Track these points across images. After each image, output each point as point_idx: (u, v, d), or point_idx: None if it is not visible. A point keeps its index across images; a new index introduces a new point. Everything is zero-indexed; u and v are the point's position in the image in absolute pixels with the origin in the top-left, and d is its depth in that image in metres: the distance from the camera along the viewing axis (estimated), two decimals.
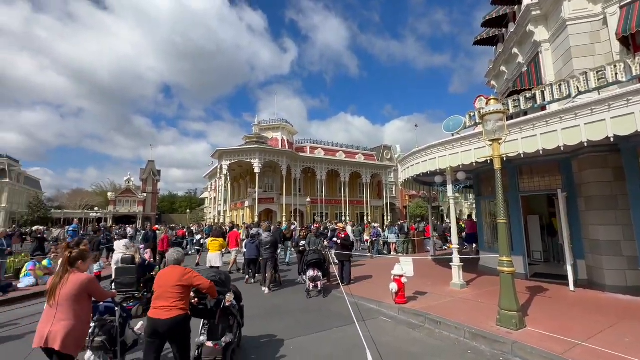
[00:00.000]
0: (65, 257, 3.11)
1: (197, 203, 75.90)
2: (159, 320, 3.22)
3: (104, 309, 3.98)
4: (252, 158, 28.75)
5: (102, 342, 3.64)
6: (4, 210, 43.47)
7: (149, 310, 3.33)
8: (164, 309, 3.25)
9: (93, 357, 3.63)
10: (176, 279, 3.39)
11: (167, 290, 3.33)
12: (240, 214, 35.18)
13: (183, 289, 3.40)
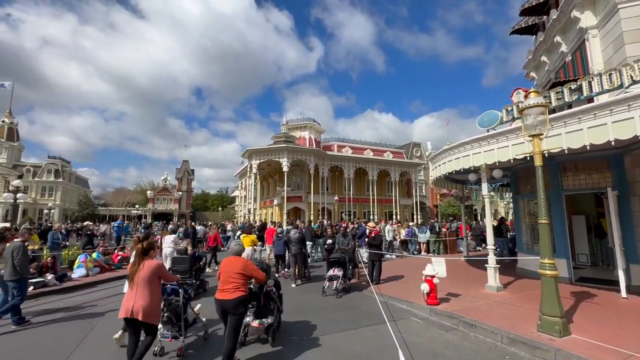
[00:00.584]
0: (139, 248, 3.88)
1: (228, 201, 78.59)
2: (226, 301, 3.96)
3: (170, 290, 4.69)
4: (281, 157, 29.24)
5: (169, 317, 4.49)
6: (58, 207, 47.64)
7: (216, 293, 4.07)
8: (228, 291, 3.99)
9: (162, 329, 4.49)
10: (239, 267, 4.12)
11: (231, 276, 4.06)
12: (270, 212, 35.94)
13: (244, 277, 4.12)
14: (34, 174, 47.94)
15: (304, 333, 5.37)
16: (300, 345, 4.86)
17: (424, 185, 48.54)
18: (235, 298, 3.94)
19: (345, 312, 6.65)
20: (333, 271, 7.96)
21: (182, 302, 4.62)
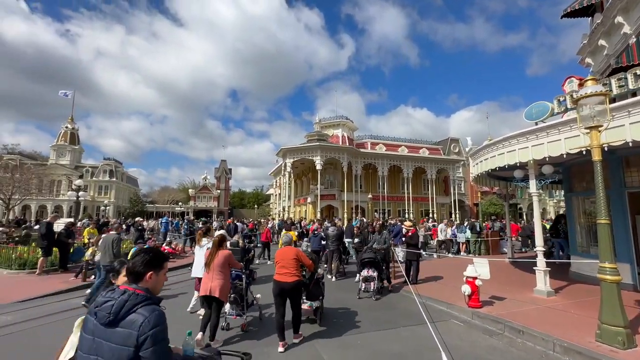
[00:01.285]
0: (215, 241, 4.96)
1: (264, 199, 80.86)
2: (284, 283, 4.69)
3: (235, 276, 5.56)
4: (314, 155, 29.50)
5: (235, 298, 5.47)
6: (112, 204, 52.16)
7: (275, 276, 4.81)
8: (287, 275, 4.72)
9: (229, 308, 5.42)
10: (293, 254, 4.86)
11: (288, 262, 4.78)
12: (303, 209, 36.44)
13: (297, 263, 4.82)
14: (92, 174, 52.86)
15: (339, 329, 5.40)
16: (337, 342, 4.90)
17: (463, 183, 46.36)
18: (293, 282, 4.70)
19: (381, 311, 6.57)
20: (367, 272, 7.55)
21: (244, 285, 5.57)
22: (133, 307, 1.62)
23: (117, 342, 1.54)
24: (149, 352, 1.53)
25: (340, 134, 34.20)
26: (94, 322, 1.63)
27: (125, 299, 1.63)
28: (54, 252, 10.34)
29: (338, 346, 4.73)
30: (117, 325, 1.58)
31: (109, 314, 1.58)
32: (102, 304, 1.64)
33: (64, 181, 48.24)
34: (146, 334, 1.55)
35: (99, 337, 1.59)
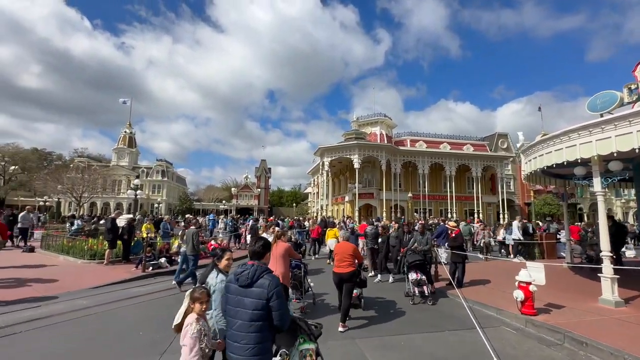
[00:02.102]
0: (276, 234, 5.84)
1: (301, 197, 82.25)
2: (342, 274, 5.57)
3: (294, 265, 6.45)
4: (352, 154, 29.38)
5: (294, 284, 6.28)
6: (164, 202, 56.47)
7: (334, 268, 5.75)
8: (344, 266, 5.59)
9: (291, 292, 6.05)
10: (350, 250, 5.71)
11: (345, 256, 5.63)
12: (341, 208, 36.48)
13: (353, 257, 5.66)
14: (146, 174, 57.61)
15: (381, 329, 5.36)
16: (379, 342, 4.88)
17: (512, 181, 43.25)
18: (350, 272, 5.56)
19: (424, 313, 6.39)
20: (417, 275, 7.13)
21: (302, 274, 6.49)
22: (261, 274, 2.48)
23: (254, 297, 2.40)
24: (275, 302, 2.39)
25: (378, 131, 33.67)
26: (236, 286, 2.50)
27: (255, 269, 2.51)
28: (118, 245, 11.47)
29: (380, 346, 4.71)
30: (253, 286, 2.44)
31: (247, 279, 2.44)
32: (241, 273, 2.51)
33: (124, 181, 53.23)
34: (272, 290, 2.40)
35: (240, 295, 2.45)
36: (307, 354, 2.74)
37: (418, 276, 7.14)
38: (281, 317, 2.42)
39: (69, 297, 6.99)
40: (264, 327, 2.38)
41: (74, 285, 7.85)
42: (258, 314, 2.37)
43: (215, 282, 3.23)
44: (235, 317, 2.43)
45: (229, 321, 2.51)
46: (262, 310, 2.37)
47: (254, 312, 2.37)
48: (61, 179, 38.31)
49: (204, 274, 3.44)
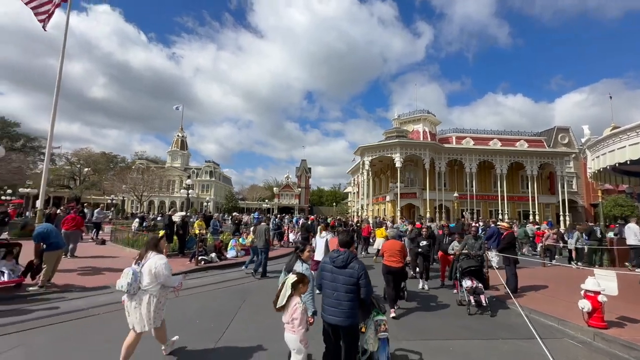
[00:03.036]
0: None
1: (341, 197, 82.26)
2: (392, 267, 6.16)
3: None
4: (393, 153, 28.74)
5: None
6: (212, 200, 60.10)
7: (384, 260, 6.30)
8: (394, 261, 6.18)
9: None
10: (399, 247, 6.33)
11: (395, 252, 6.23)
12: (382, 208, 35.86)
13: (401, 253, 6.26)
14: (196, 174, 61.75)
15: (430, 333, 5.21)
16: (427, 347, 4.75)
17: (575, 180, 39.20)
18: (400, 267, 6.20)
19: (474, 319, 6.07)
20: (472, 282, 6.60)
21: None
22: (351, 260, 3.41)
23: (347, 275, 3.33)
24: (363, 281, 3.30)
25: (421, 129, 32.54)
26: (331, 267, 3.44)
27: (348, 255, 3.44)
28: (174, 240, 12.47)
29: (429, 348, 4.58)
30: (346, 268, 3.37)
31: (342, 261, 3.38)
32: (337, 257, 3.44)
33: (177, 181, 57.62)
34: (361, 272, 3.33)
35: (335, 274, 3.39)
36: (381, 323, 3.52)
37: (474, 284, 6.57)
38: (367, 291, 3.33)
39: None
40: (354, 297, 3.27)
41: None
42: (351, 288, 3.28)
43: (301, 270, 3.73)
44: (333, 289, 3.34)
45: (327, 292, 3.39)
46: (354, 286, 3.28)
47: (347, 286, 3.28)
48: (125, 179, 42.64)
49: (289, 264, 3.98)
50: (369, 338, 3.46)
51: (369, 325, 3.51)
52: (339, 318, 3.21)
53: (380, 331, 3.46)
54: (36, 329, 4.94)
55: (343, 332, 3.25)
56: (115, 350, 3.72)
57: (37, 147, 47.62)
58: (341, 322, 3.20)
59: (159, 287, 3.79)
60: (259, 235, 9.41)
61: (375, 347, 3.44)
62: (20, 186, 36.54)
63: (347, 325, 3.22)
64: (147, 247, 3.99)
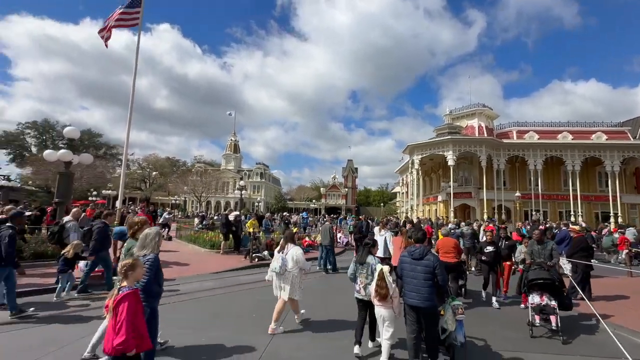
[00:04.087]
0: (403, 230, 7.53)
1: (389, 197, 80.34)
2: (448, 262, 6.41)
3: None
4: (445, 150, 27.30)
5: None
6: (263, 201, 62.90)
7: (440, 256, 6.39)
8: (449, 257, 6.64)
9: None
10: (453, 244, 6.92)
11: (449, 249, 6.78)
12: (433, 208, 34.26)
13: (456, 249, 6.82)
14: (248, 176, 65.12)
15: (491, 340, 4.85)
16: (491, 356, 4.43)
17: None
18: (456, 262, 6.69)
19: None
20: (541, 299, 5.38)
21: None
22: (427, 253, 4.00)
23: (424, 266, 3.91)
24: (439, 270, 3.87)
25: (476, 124, 30.41)
26: (409, 259, 4.05)
27: (423, 249, 4.04)
28: (231, 238, 13.31)
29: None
30: (423, 259, 3.95)
31: (419, 254, 3.98)
32: (414, 251, 4.06)
33: (231, 182, 61.35)
34: (436, 262, 3.92)
35: (413, 264, 3.99)
36: (458, 307, 4.09)
37: (543, 300, 5.35)
38: (442, 280, 3.93)
39: (199, 279, 8.49)
40: (431, 284, 3.86)
41: (201, 269, 9.50)
42: (428, 276, 3.87)
43: (372, 261, 4.35)
44: (413, 278, 3.97)
45: (407, 280, 4.03)
46: (430, 274, 3.86)
47: (425, 274, 3.88)
48: (186, 181, 46.63)
49: (361, 257, 4.51)
50: (447, 319, 4.02)
51: (447, 308, 4.08)
52: (419, 301, 3.84)
53: (457, 314, 4.05)
54: None
55: (422, 313, 3.86)
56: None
57: (115, 154, 54.38)
58: (421, 304, 3.82)
59: (298, 270, 5.15)
60: (324, 234, 10.45)
61: (453, 327, 4.00)
62: (102, 188, 42.02)
63: (426, 307, 3.82)
64: (286, 240, 5.40)
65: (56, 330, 4.84)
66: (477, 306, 6.82)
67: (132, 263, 2.84)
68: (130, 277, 2.79)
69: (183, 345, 4.35)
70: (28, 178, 44.52)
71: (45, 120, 54.86)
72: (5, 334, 4.65)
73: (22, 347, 4.24)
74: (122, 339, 2.50)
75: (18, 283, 6.62)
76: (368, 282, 4.25)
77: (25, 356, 3.98)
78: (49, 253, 8.91)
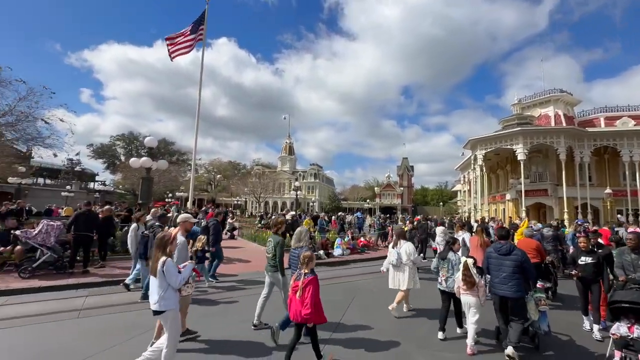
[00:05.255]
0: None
1: (448, 196, 75.56)
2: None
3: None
4: (514, 143, 24.71)
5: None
6: (317, 201, 64.09)
7: None
8: (530, 257, 5.68)
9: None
10: (534, 245, 6.70)
11: (529, 250, 6.13)
12: (500, 208, 31.26)
13: (537, 251, 6.59)
14: (302, 177, 66.90)
15: None
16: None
17: None
18: (535, 263, 6.08)
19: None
20: (631, 329, 3.93)
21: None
22: (514, 249, 4.50)
23: (511, 261, 4.38)
24: (526, 264, 4.38)
25: (551, 112, 27.03)
26: (496, 254, 4.51)
27: (509, 245, 4.51)
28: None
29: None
30: (510, 255, 4.43)
31: (506, 250, 4.45)
32: (500, 247, 4.51)
33: (286, 183, 63.70)
34: (523, 257, 4.42)
35: (500, 260, 4.46)
36: (540, 298, 4.58)
37: (632, 332, 3.88)
38: (531, 273, 4.42)
39: (260, 275, 8.93)
40: (519, 276, 4.31)
41: (262, 266, 9.97)
42: (516, 270, 4.31)
43: (453, 257, 4.98)
44: (499, 272, 4.41)
45: (494, 274, 4.48)
46: (518, 267, 4.31)
47: (513, 268, 4.31)
48: (246, 183, 49.68)
49: (443, 253, 5.13)
50: (530, 309, 4.44)
51: (530, 300, 4.49)
52: (508, 292, 4.29)
53: (540, 305, 4.50)
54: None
55: (511, 302, 4.33)
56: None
57: (186, 160, 60.31)
58: (510, 294, 4.27)
59: (411, 263, 5.82)
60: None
61: (536, 317, 4.45)
62: (176, 190, 47.00)
63: (515, 297, 4.28)
64: (398, 237, 6.15)
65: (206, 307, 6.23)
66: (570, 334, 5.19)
67: (310, 255, 3.86)
68: (309, 265, 3.78)
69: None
70: (119, 183, 51.94)
71: (130, 132, 63.45)
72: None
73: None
74: (308, 312, 3.50)
75: (122, 273, 7.77)
76: (449, 275, 4.87)
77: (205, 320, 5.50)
78: None
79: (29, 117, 10.86)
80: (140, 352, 3.54)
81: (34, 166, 30.66)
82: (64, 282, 7.20)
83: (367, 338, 4.84)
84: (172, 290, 3.48)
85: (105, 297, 6.57)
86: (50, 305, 5.95)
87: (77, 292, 6.81)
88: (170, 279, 3.43)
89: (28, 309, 5.68)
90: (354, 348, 4.50)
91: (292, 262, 4.91)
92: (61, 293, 6.67)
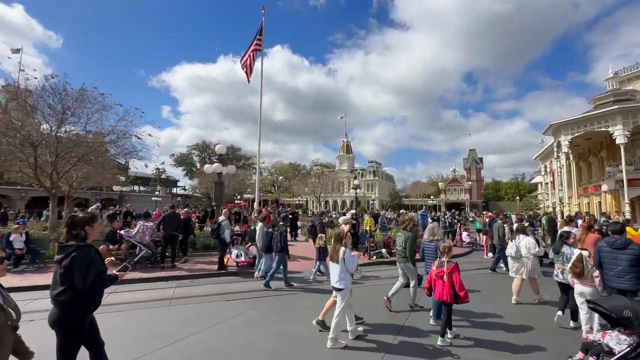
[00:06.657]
0: (584, 226, 6.97)
1: (526, 189, 67.46)
2: None
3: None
4: (611, 124, 20.97)
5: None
6: (377, 198, 63.00)
7: None
8: None
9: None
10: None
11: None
12: (594, 200, 26.85)
13: None
14: (361, 175, 66.46)
15: None
16: None
17: None
18: None
19: None
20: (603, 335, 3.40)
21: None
22: (629, 243, 4.45)
23: (628, 254, 4.36)
24: None
25: None
26: (609, 249, 4.54)
27: (624, 239, 4.53)
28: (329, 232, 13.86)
29: None
30: (626, 249, 4.40)
31: (621, 244, 4.47)
32: (614, 242, 4.52)
33: (345, 182, 63.96)
34: None
35: (614, 254, 4.48)
36: None
37: (604, 337, 3.32)
38: None
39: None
40: (637, 270, 4.30)
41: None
42: (633, 263, 4.31)
43: (568, 251, 5.09)
44: (613, 265, 4.47)
45: (607, 267, 4.53)
46: (635, 261, 4.29)
47: (630, 261, 4.33)
48: (306, 183, 51.25)
49: (556, 247, 5.44)
50: None
51: None
52: (627, 284, 4.31)
53: None
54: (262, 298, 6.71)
55: (631, 294, 4.25)
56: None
57: (251, 164, 64.69)
58: (629, 287, 4.29)
59: (532, 255, 6.39)
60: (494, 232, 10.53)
61: None
62: (244, 192, 50.79)
63: (634, 290, 4.30)
64: (517, 232, 6.81)
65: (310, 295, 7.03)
66: None
67: (450, 246, 4.81)
68: (449, 253, 4.62)
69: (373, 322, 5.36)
70: (196, 187, 58.09)
71: (203, 141, 70.47)
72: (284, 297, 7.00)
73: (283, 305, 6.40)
74: (464, 292, 4.35)
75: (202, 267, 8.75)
76: (564, 268, 5.03)
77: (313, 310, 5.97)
78: (212, 245, 11.36)
79: (125, 135, 12.93)
80: (220, 338, 3.96)
81: (131, 176, 36.05)
82: (157, 274, 8.43)
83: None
84: (348, 274, 4.56)
85: (189, 288, 7.48)
86: (148, 294, 7.00)
87: (167, 283, 7.90)
88: (349, 265, 4.51)
89: (134, 297, 6.77)
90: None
91: (427, 254, 5.93)
92: (156, 284, 7.81)
